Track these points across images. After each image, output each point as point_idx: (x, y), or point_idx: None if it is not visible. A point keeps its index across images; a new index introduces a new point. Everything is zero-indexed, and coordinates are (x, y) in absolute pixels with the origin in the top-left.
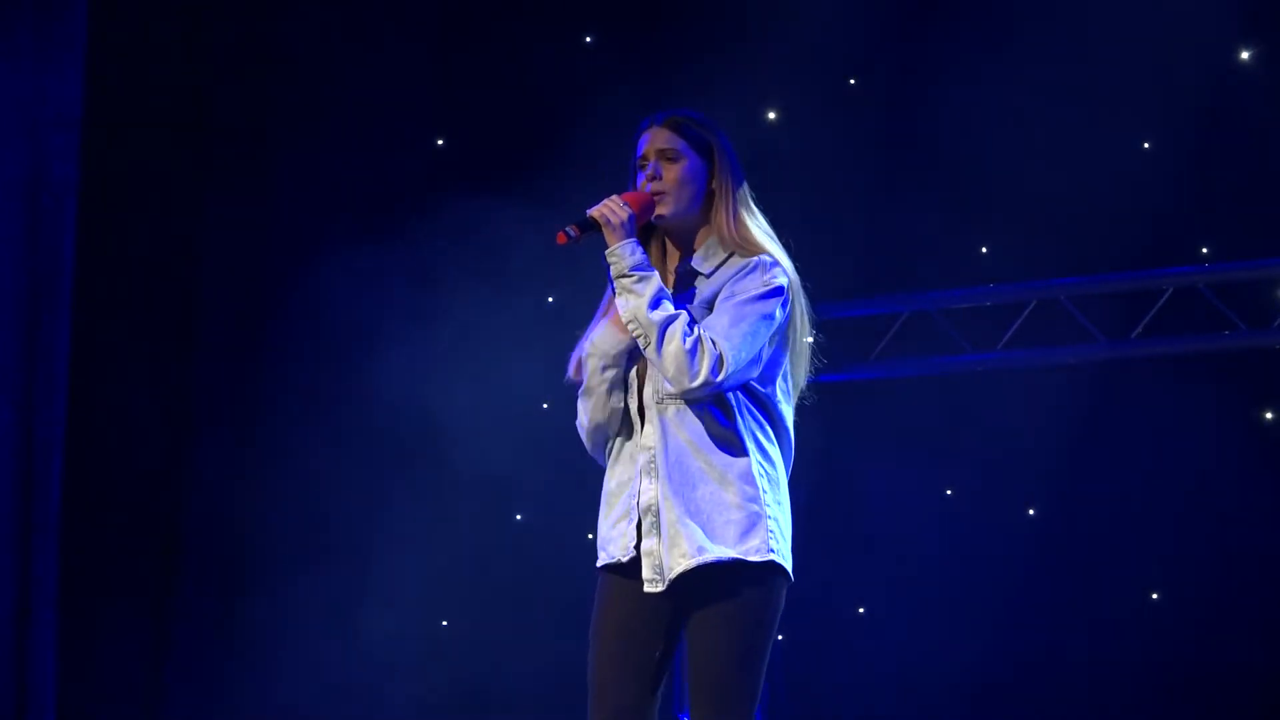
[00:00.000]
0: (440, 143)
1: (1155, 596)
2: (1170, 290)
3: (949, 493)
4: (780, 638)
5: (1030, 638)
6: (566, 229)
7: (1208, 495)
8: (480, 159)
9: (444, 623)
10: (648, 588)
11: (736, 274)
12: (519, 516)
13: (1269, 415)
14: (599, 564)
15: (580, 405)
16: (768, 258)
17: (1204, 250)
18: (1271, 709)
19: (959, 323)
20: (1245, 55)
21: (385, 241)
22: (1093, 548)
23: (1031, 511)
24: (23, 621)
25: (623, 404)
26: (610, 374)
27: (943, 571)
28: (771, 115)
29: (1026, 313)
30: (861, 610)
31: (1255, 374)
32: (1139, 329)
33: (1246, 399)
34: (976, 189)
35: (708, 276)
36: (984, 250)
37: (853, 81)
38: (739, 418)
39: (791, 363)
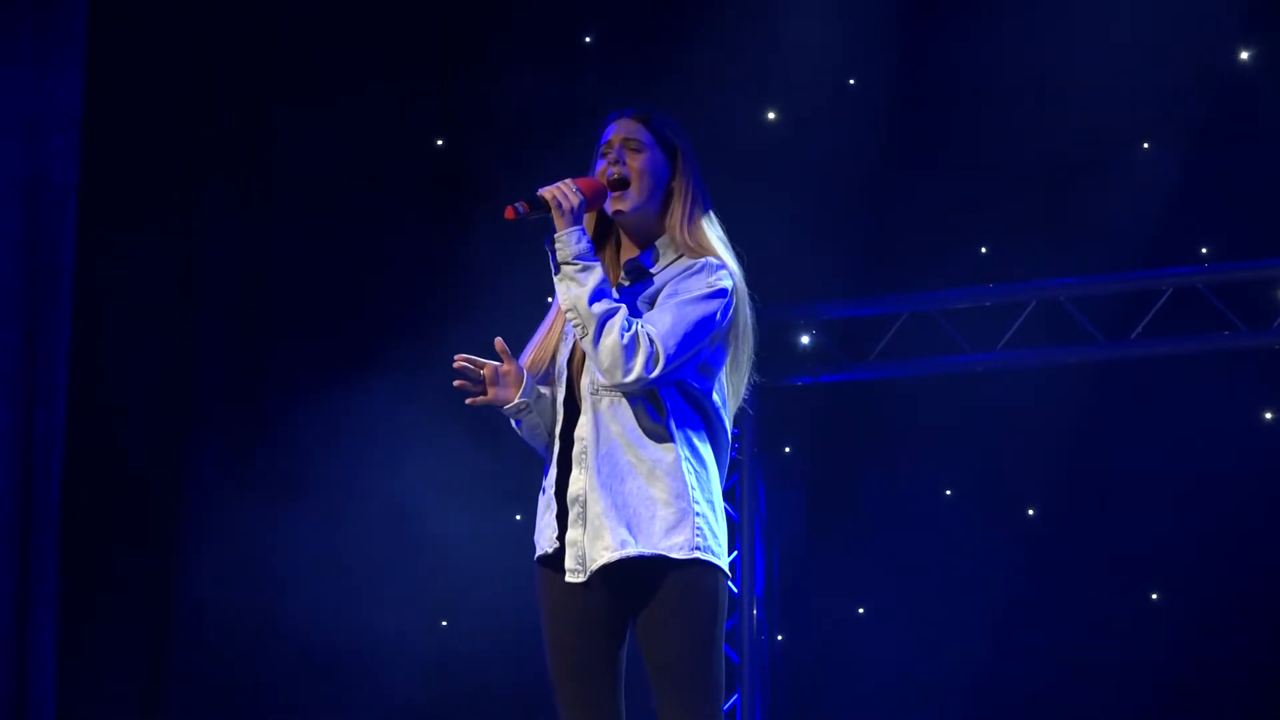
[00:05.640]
0: (440, 143)
1: (1155, 596)
2: (1170, 290)
3: (949, 493)
4: (780, 638)
5: (1030, 638)
6: (516, 205)
7: (1208, 495)
8: (480, 159)
9: (444, 623)
10: (569, 578)
11: (682, 273)
12: (518, 517)
13: (1269, 415)
14: (535, 556)
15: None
16: (715, 260)
17: (1204, 250)
18: (1271, 709)
19: (959, 323)
20: (1245, 55)
21: (386, 241)
22: (1093, 548)
23: (1031, 511)
24: (23, 621)
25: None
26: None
27: (943, 571)
28: (771, 115)
29: (1026, 313)
30: (861, 610)
31: (1255, 374)
32: (1139, 329)
33: (1246, 399)
34: (976, 189)
35: (654, 273)
36: (984, 250)
37: (853, 81)
38: (671, 414)
39: (731, 367)
